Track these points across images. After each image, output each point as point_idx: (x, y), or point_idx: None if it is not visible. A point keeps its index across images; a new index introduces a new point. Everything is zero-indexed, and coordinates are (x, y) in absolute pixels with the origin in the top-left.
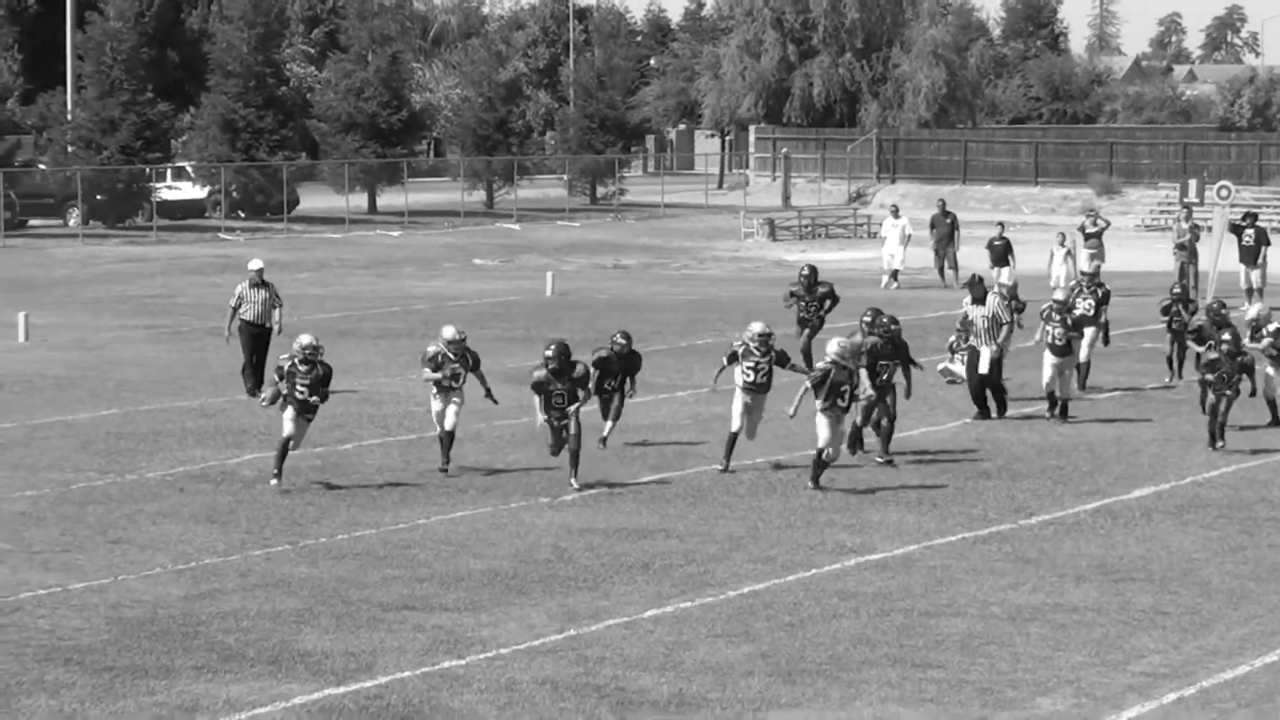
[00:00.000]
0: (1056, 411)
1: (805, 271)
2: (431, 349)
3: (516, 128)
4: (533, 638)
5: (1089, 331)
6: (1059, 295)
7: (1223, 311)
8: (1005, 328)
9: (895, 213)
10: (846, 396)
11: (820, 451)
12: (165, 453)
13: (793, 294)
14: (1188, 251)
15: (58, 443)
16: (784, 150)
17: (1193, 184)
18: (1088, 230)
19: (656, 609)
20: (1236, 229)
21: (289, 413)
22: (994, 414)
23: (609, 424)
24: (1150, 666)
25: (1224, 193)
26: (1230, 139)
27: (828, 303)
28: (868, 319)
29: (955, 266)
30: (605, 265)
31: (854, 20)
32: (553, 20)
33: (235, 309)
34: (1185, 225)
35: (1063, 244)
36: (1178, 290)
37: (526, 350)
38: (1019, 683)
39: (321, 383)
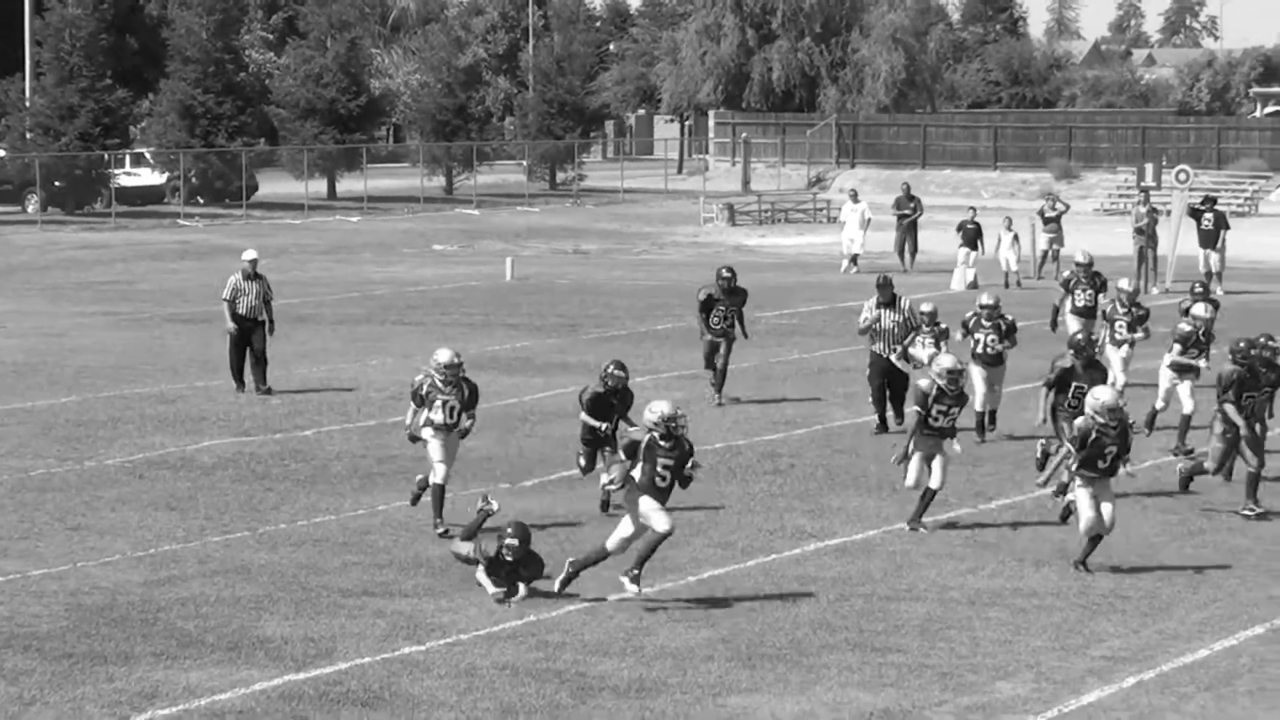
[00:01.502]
0: (989, 433)
1: (725, 273)
2: (419, 378)
3: (476, 113)
4: (492, 623)
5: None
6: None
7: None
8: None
9: (854, 197)
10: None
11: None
12: (124, 439)
13: (709, 298)
14: (1146, 235)
15: (16, 429)
16: (743, 135)
17: (1151, 168)
18: (1046, 214)
19: (617, 594)
20: (1195, 213)
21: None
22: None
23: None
24: (1110, 650)
25: (1182, 177)
26: (1189, 123)
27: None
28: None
29: (915, 250)
30: (565, 250)
31: (813, 5)
32: (512, 6)
33: (230, 301)
34: (1144, 209)
35: (1009, 228)
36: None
37: (485, 336)
38: (979, 667)
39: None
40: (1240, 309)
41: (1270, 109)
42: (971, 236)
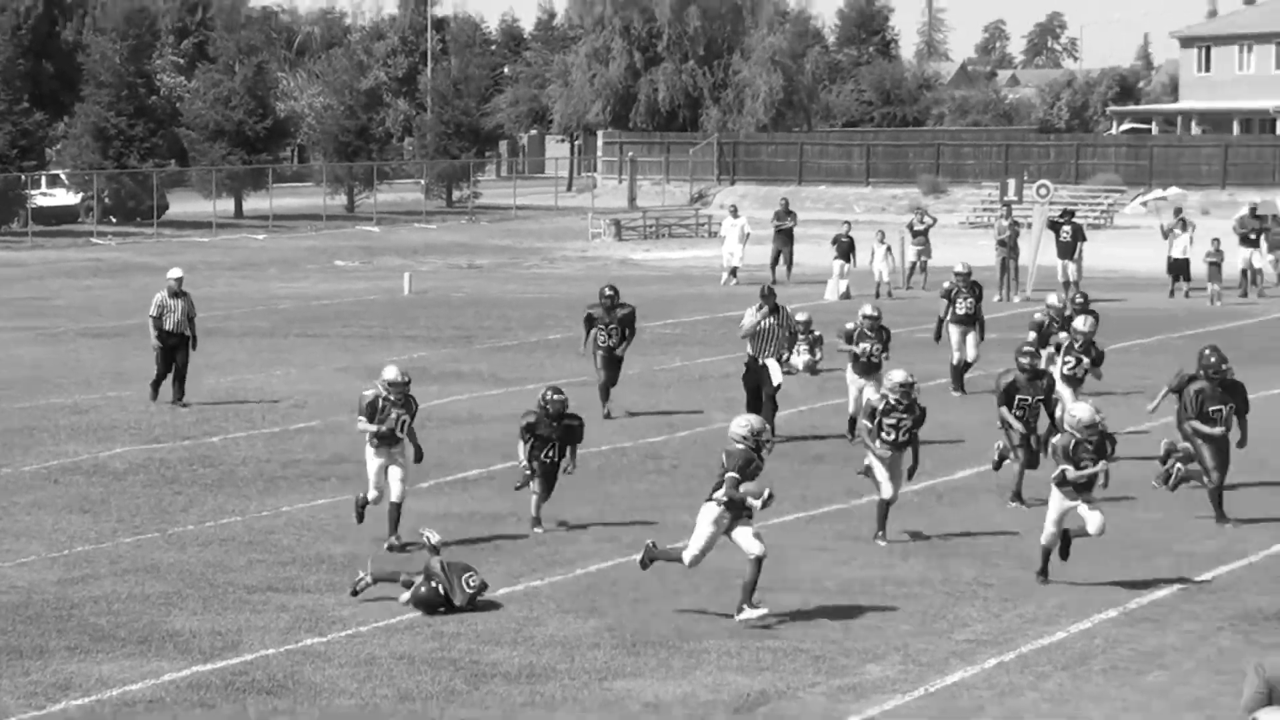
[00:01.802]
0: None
1: (608, 291)
2: (369, 393)
3: (376, 134)
4: (391, 616)
5: (972, 335)
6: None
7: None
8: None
9: (734, 212)
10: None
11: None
12: (39, 447)
13: (590, 316)
14: (1008, 247)
15: None
16: (630, 154)
17: (1013, 183)
18: (915, 228)
19: (508, 587)
20: (1054, 225)
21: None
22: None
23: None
24: (973, 634)
25: (1043, 191)
26: (1050, 140)
27: (627, 330)
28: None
29: (790, 264)
30: (460, 265)
31: (696, 29)
32: (411, 31)
33: (157, 319)
34: (1006, 222)
35: (882, 241)
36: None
37: (384, 347)
38: (850, 651)
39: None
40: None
41: (1126, 126)
42: (845, 249)
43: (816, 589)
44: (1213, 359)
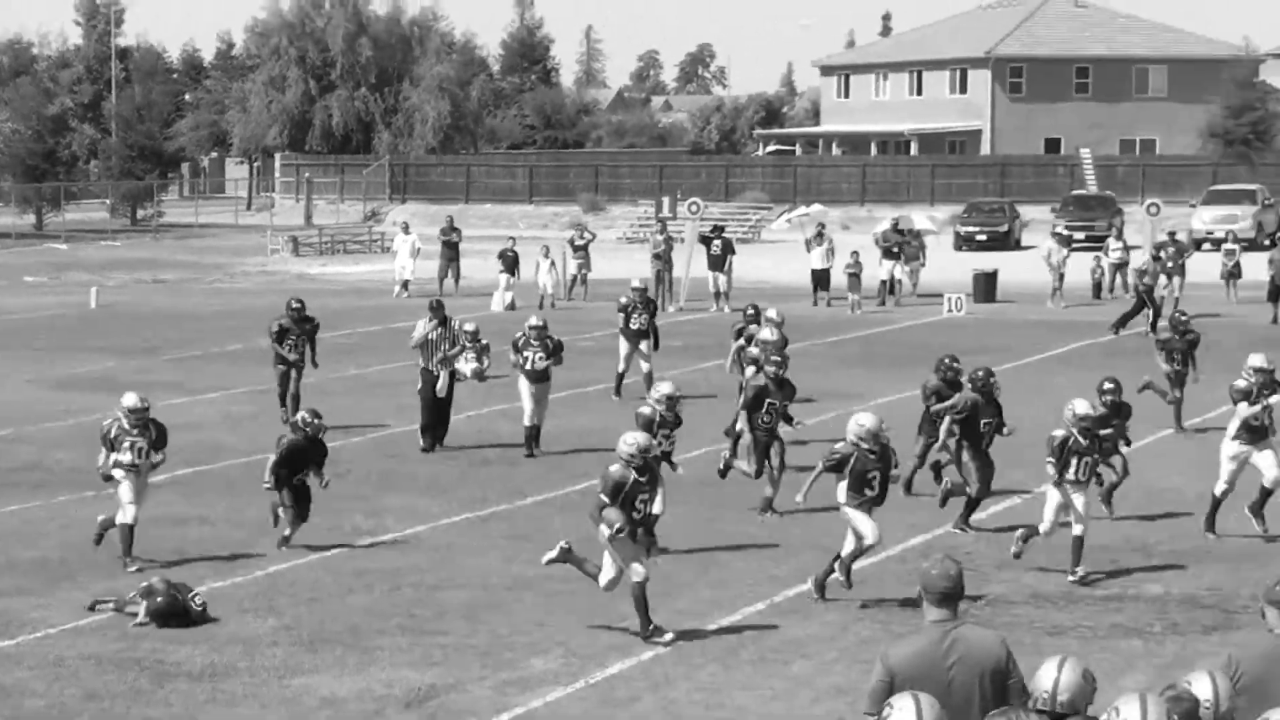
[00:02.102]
0: (536, 448)
1: (295, 304)
2: (107, 422)
3: (63, 157)
4: (79, 618)
5: (645, 344)
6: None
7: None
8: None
9: (405, 229)
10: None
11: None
12: None
13: (281, 328)
14: (663, 260)
15: None
16: (306, 175)
17: (667, 201)
18: (576, 243)
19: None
20: (705, 240)
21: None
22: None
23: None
24: (632, 627)
25: (694, 208)
26: (701, 161)
27: (312, 342)
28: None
29: (457, 277)
30: (146, 280)
31: (368, 58)
32: (96, 59)
33: None
34: (661, 237)
35: (546, 255)
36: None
37: (72, 359)
38: (515, 645)
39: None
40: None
41: (772, 148)
42: (510, 263)
43: (484, 585)
44: (980, 373)
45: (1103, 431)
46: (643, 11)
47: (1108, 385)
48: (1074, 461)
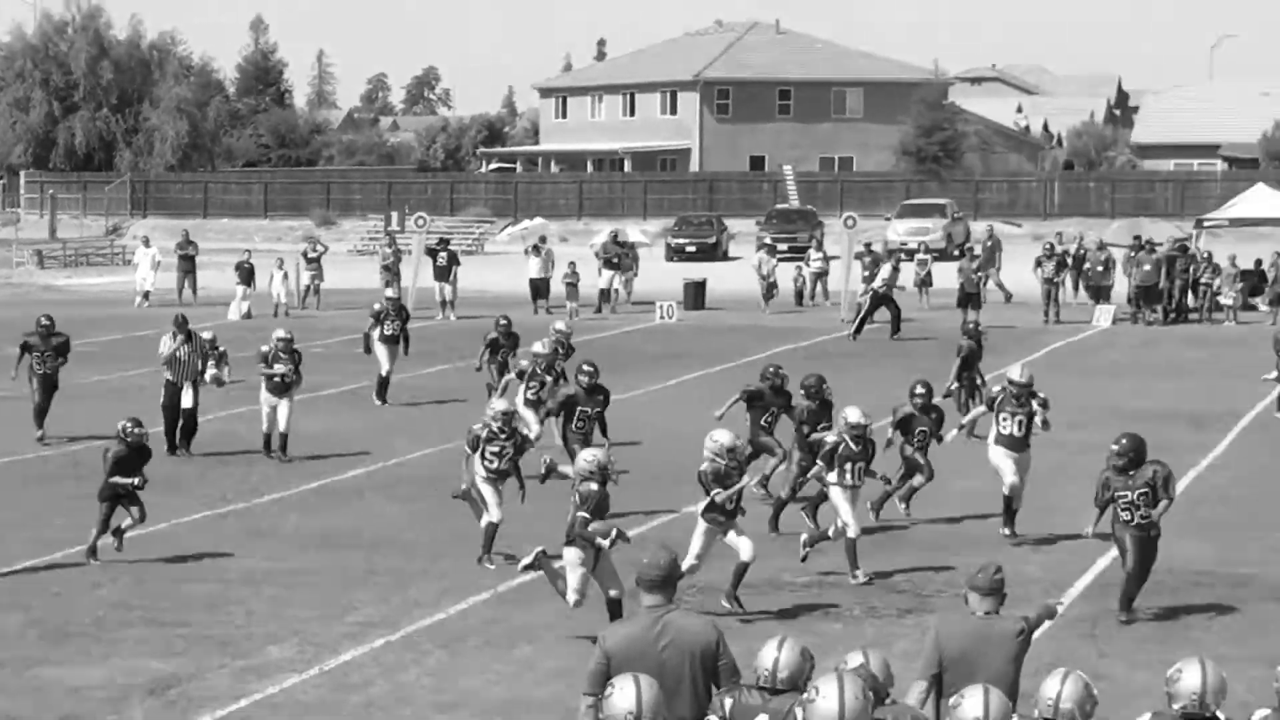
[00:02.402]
0: (275, 452)
1: (44, 321)
2: None
3: None
4: None
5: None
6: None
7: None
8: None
9: (146, 243)
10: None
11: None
12: None
13: (26, 344)
14: (392, 272)
15: None
16: (51, 191)
17: (395, 215)
18: (309, 255)
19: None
20: (432, 252)
21: None
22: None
23: None
24: (364, 617)
25: (420, 222)
26: (427, 178)
27: (61, 358)
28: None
29: (195, 287)
30: None
31: (110, 80)
32: None
33: None
34: (389, 250)
35: (281, 267)
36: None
37: None
38: (253, 635)
39: None
40: (470, 330)
41: (494, 166)
42: (247, 274)
43: (222, 579)
44: (810, 380)
45: (918, 429)
46: (372, 36)
47: (919, 389)
48: (847, 467)
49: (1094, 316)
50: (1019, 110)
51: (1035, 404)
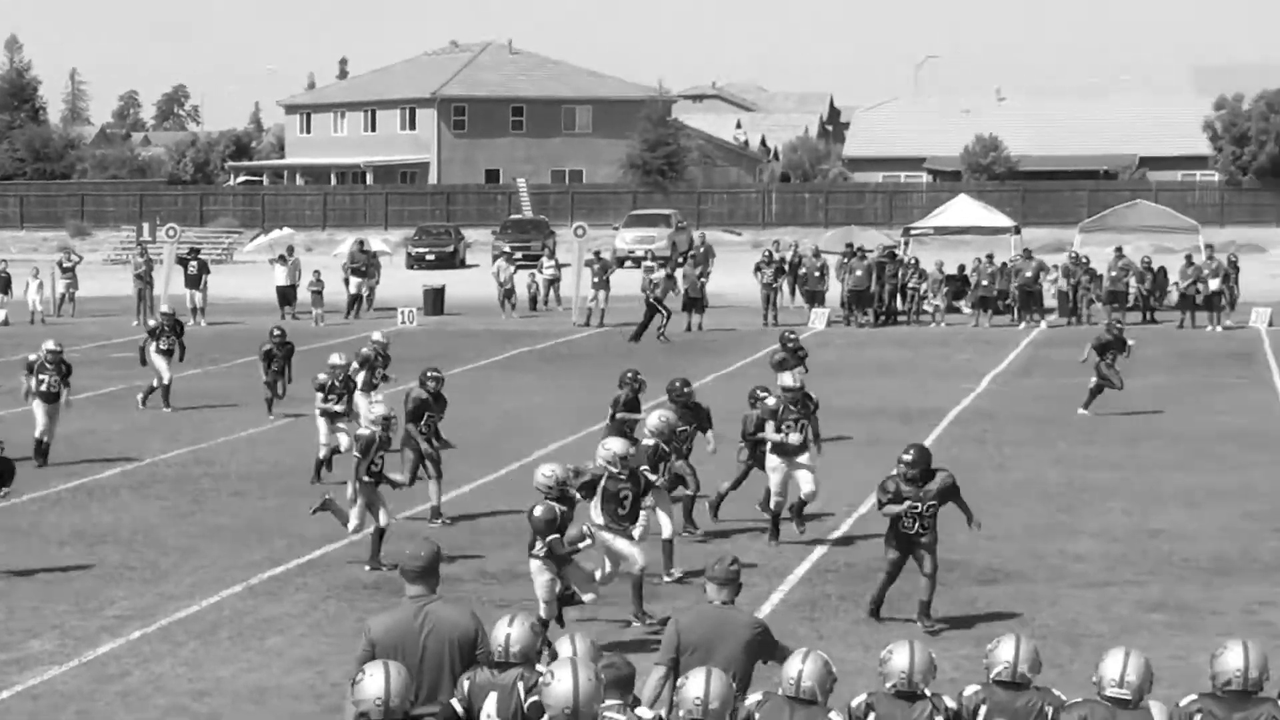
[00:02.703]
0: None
1: None
2: None
3: None
4: None
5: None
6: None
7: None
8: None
9: None
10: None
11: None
12: None
13: None
14: (144, 280)
15: None
16: None
17: (147, 226)
18: (64, 264)
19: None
20: (183, 261)
21: None
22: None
23: None
24: (121, 611)
25: (171, 233)
26: (178, 190)
27: None
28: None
29: None
30: None
31: None
32: None
33: None
34: (142, 259)
35: (36, 276)
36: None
37: None
38: (14, 630)
39: None
40: (220, 336)
41: (242, 179)
42: (3, 283)
43: None
44: (678, 384)
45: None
46: (123, 54)
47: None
48: (660, 466)
49: (810, 319)
50: (738, 126)
51: (811, 406)
